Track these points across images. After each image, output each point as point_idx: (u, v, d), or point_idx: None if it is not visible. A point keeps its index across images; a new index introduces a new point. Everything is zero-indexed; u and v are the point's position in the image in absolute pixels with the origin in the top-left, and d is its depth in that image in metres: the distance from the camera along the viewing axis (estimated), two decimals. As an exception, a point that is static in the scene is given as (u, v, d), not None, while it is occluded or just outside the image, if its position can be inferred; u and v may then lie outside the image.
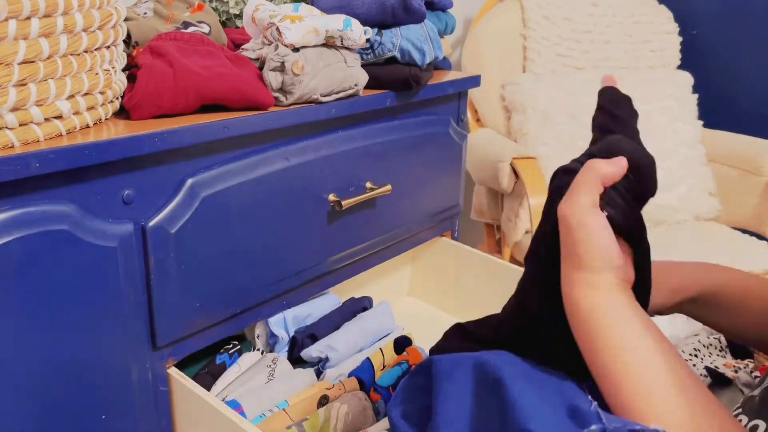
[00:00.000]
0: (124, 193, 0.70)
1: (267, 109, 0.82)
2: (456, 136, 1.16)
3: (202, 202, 0.76)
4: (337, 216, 0.95)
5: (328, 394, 0.88)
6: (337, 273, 1.01)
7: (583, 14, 1.83)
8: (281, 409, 0.84)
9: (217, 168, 0.78)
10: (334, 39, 0.88)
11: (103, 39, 0.68)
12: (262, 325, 0.99)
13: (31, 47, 0.59)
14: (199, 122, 0.75)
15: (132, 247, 0.71)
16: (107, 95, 0.71)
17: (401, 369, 0.96)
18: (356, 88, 0.92)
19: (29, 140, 0.62)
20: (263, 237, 0.85)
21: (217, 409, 0.74)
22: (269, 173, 0.83)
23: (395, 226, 1.08)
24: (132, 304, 0.72)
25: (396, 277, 1.28)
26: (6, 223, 0.61)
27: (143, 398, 0.77)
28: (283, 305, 0.94)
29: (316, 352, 0.97)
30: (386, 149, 1.01)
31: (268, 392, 0.87)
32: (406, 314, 1.20)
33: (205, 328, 0.82)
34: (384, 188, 0.99)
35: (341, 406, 0.83)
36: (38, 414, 0.67)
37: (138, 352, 0.75)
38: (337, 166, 0.93)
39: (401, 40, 0.96)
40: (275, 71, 0.83)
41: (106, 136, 0.68)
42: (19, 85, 0.60)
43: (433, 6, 1.11)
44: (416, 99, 1.04)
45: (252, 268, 0.85)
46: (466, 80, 1.14)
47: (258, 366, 0.92)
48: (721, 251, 1.46)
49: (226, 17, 1.07)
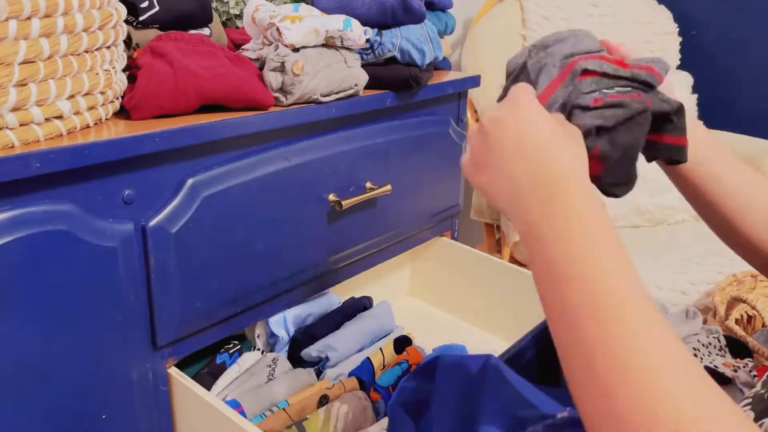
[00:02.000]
0: (125, 193, 0.70)
1: (267, 109, 0.82)
2: (456, 136, 1.16)
3: (202, 202, 0.76)
4: (337, 216, 0.95)
5: (328, 394, 0.88)
6: (337, 273, 1.01)
7: (583, 15, 1.83)
8: (281, 408, 0.84)
9: (217, 168, 0.78)
10: (334, 39, 0.88)
11: (104, 39, 0.68)
12: (262, 324, 0.99)
13: (32, 47, 0.59)
14: (199, 122, 0.75)
15: (132, 247, 0.71)
16: (107, 95, 0.72)
17: (401, 369, 0.97)
18: (356, 88, 0.92)
19: (29, 140, 0.62)
20: (263, 237, 0.85)
21: (217, 409, 0.74)
22: (269, 173, 0.83)
23: (395, 226, 1.08)
24: (132, 304, 0.73)
25: (396, 277, 1.28)
26: (6, 223, 0.61)
27: (143, 398, 0.77)
28: (283, 305, 0.94)
29: (316, 351, 0.97)
30: (386, 149, 1.01)
31: (268, 392, 0.87)
32: (406, 314, 1.20)
33: (206, 328, 0.82)
34: (384, 188, 0.99)
35: (341, 406, 0.83)
36: (38, 414, 0.67)
37: (138, 351, 0.75)
38: (337, 166, 0.93)
39: (401, 40, 0.96)
40: (275, 71, 0.83)
41: (107, 136, 0.68)
42: (19, 85, 0.60)
43: (433, 6, 1.11)
44: (416, 99, 1.04)
45: (252, 268, 0.85)
46: (466, 80, 1.14)
47: (258, 366, 0.92)
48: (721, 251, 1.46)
49: (226, 17, 1.08)
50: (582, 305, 0.41)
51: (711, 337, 0.86)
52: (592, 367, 0.40)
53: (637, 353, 0.39)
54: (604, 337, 0.40)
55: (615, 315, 0.40)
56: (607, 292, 0.41)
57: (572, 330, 0.42)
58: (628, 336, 0.39)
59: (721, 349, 0.85)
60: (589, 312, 0.41)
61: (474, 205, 1.82)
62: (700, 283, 1.31)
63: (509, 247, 1.66)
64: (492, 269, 1.16)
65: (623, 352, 0.39)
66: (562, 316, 0.43)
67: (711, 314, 1.19)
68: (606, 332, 0.40)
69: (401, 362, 0.98)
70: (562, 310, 0.43)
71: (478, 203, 1.80)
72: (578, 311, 0.41)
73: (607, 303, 0.41)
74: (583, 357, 0.40)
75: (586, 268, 0.43)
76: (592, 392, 0.39)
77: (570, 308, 0.42)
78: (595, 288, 0.42)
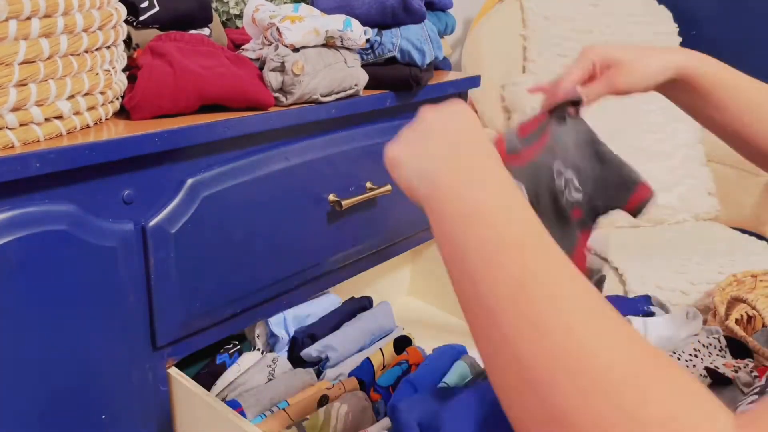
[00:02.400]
0: (125, 193, 0.70)
1: (267, 109, 0.82)
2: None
3: (202, 202, 0.76)
4: (337, 216, 0.95)
5: (328, 394, 0.88)
6: (337, 273, 1.01)
7: (583, 14, 1.83)
8: (281, 409, 0.84)
9: (217, 168, 0.78)
10: (334, 39, 0.88)
11: (104, 39, 0.68)
12: (262, 325, 0.99)
13: (32, 47, 0.59)
14: (199, 122, 0.75)
15: (132, 247, 0.71)
16: (107, 95, 0.71)
17: (401, 369, 0.96)
18: (356, 88, 0.92)
19: (29, 140, 0.62)
20: (263, 237, 0.85)
21: (217, 409, 0.74)
22: (269, 173, 0.83)
23: (395, 226, 1.08)
24: (132, 304, 0.72)
25: (396, 277, 1.28)
26: (6, 223, 0.61)
27: (143, 398, 0.77)
28: (283, 305, 0.94)
29: (316, 352, 0.97)
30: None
31: (268, 392, 0.87)
32: (406, 314, 1.20)
33: (205, 328, 0.82)
34: (384, 188, 0.99)
35: (341, 406, 0.83)
36: (38, 414, 0.67)
37: (138, 352, 0.75)
38: (337, 166, 0.93)
39: (401, 40, 0.96)
40: (275, 71, 0.83)
41: (107, 136, 0.68)
42: (19, 85, 0.60)
43: (433, 6, 1.11)
44: (416, 99, 1.04)
45: (252, 268, 0.85)
46: (466, 80, 1.14)
47: (258, 366, 0.92)
48: (721, 251, 1.46)
49: (226, 17, 1.08)
50: (481, 249, 0.40)
51: (711, 338, 0.86)
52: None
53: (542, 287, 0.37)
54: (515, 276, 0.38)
55: (518, 258, 0.39)
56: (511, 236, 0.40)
57: (471, 276, 0.41)
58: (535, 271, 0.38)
59: (722, 350, 0.85)
60: (493, 254, 0.39)
61: (474, 205, 1.82)
62: (700, 283, 1.31)
63: (509, 247, 1.66)
64: (492, 269, 1.16)
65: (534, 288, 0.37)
66: (462, 263, 0.42)
67: (711, 314, 1.19)
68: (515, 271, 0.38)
69: (401, 362, 0.98)
70: (463, 257, 0.42)
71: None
72: (483, 256, 0.40)
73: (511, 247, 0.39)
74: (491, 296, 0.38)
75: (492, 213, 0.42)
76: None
77: (471, 253, 0.41)
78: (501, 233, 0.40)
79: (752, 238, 1.59)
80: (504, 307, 0.37)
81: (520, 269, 0.38)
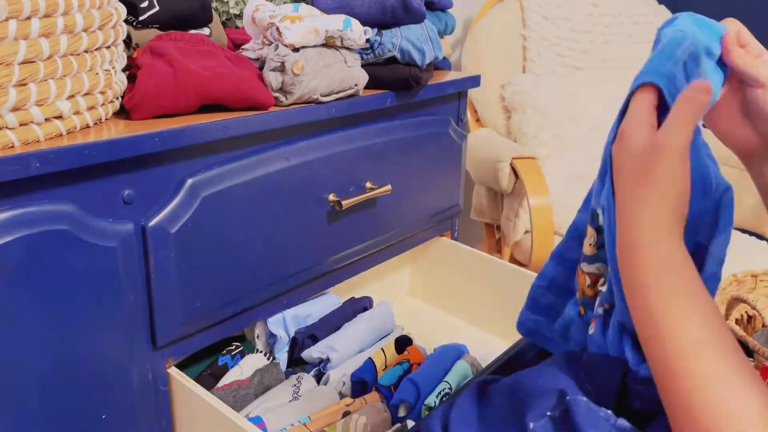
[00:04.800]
0: (125, 193, 0.70)
1: (267, 109, 0.82)
2: (456, 136, 1.16)
3: (202, 202, 0.76)
4: (337, 216, 0.95)
5: (351, 411, 0.87)
6: (337, 273, 1.01)
7: (583, 14, 1.83)
8: (302, 423, 0.83)
9: (217, 168, 0.78)
10: (334, 39, 0.88)
11: (104, 39, 0.68)
12: (261, 325, 0.99)
13: (32, 47, 0.59)
14: (199, 122, 0.75)
15: (132, 247, 0.71)
16: (107, 95, 0.71)
17: (402, 368, 0.97)
18: (356, 88, 0.92)
19: (29, 140, 0.62)
20: (263, 237, 0.85)
21: (217, 409, 0.74)
22: (269, 173, 0.83)
23: (395, 226, 1.08)
24: (132, 304, 0.72)
25: (396, 277, 1.28)
26: (6, 223, 0.61)
27: (143, 398, 0.77)
28: (283, 305, 0.94)
29: (317, 353, 0.97)
30: (386, 149, 1.01)
31: (291, 409, 0.86)
32: (406, 314, 1.20)
33: (205, 328, 0.82)
34: (384, 188, 0.99)
35: (359, 418, 0.83)
36: (38, 414, 0.67)
37: (138, 351, 0.75)
38: (337, 166, 0.93)
39: (401, 40, 0.96)
40: (275, 71, 0.83)
41: (107, 136, 0.68)
42: (19, 85, 0.60)
43: (433, 6, 1.11)
44: (416, 99, 1.04)
45: (252, 268, 0.85)
46: (466, 80, 1.14)
47: (283, 385, 0.92)
48: (721, 251, 1.46)
49: (226, 17, 1.08)
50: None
51: (711, 337, 0.86)
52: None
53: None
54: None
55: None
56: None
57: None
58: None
59: (722, 349, 0.85)
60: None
61: (474, 205, 1.82)
62: (700, 283, 1.30)
63: (509, 247, 1.66)
64: (492, 269, 1.16)
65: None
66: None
67: (711, 314, 1.19)
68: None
69: (402, 362, 0.98)
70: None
71: (478, 203, 1.80)
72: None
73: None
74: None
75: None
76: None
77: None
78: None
79: (752, 238, 1.58)
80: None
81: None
